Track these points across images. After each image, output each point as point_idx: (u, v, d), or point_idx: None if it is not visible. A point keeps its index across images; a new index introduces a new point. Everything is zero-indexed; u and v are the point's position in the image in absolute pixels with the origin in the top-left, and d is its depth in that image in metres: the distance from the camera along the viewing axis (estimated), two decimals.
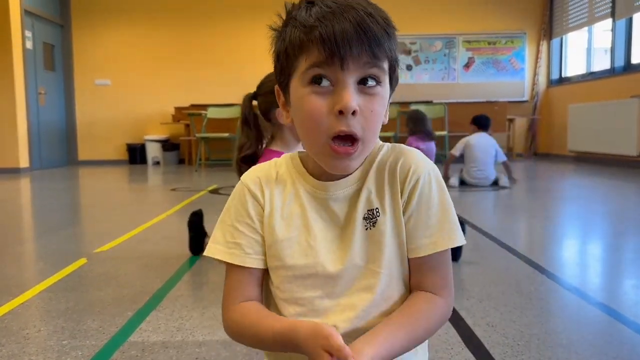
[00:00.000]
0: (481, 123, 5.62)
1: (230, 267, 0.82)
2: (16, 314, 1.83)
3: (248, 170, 0.88)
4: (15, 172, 7.38)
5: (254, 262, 0.82)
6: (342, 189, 0.82)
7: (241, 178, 0.86)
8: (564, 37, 8.94)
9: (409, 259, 0.81)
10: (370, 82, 0.73)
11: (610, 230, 3.25)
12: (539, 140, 9.33)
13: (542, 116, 9.19)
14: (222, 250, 0.82)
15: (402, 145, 0.84)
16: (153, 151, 8.80)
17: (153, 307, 1.87)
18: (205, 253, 0.84)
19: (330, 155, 0.75)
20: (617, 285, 2.18)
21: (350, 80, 0.72)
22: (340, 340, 0.67)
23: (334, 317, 0.80)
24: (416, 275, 0.81)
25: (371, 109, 0.73)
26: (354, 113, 0.72)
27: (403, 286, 0.82)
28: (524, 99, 9.21)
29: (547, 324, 1.67)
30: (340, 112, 0.71)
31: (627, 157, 6.70)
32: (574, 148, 7.93)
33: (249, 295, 0.82)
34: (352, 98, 0.71)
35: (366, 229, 0.80)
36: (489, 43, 9.15)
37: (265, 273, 0.85)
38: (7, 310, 1.85)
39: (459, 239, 0.80)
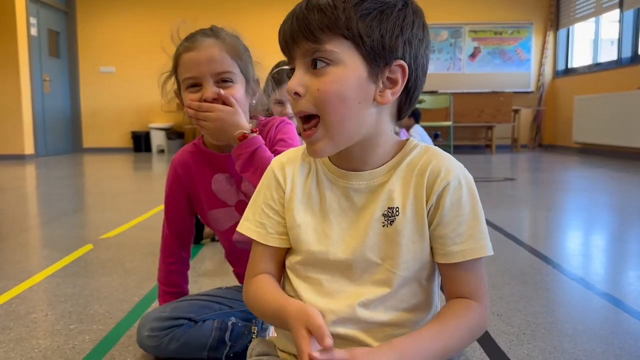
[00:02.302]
0: (417, 116, 6.18)
1: (255, 243, 0.89)
2: (23, 298, 1.84)
3: (279, 154, 0.93)
4: (20, 158, 7.40)
5: (275, 241, 0.87)
6: (365, 180, 0.82)
7: (271, 161, 0.92)
8: (570, 27, 8.88)
9: (439, 264, 0.81)
10: (320, 64, 0.76)
11: (616, 221, 3.24)
12: (544, 131, 9.30)
13: (547, 107, 9.15)
14: (251, 228, 0.88)
15: (437, 148, 0.82)
16: (158, 139, 8.82)
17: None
18: (237, 228, 0.90)
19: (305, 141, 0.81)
20: (622, 275, 2.17)
21: (300, 67, 0.78)
22: (320, 320, 0.71)
23: (340, 302, 0.81)
24: (448, 282, 0.81)
25: (317, 87, 0.76)
26: (297, 94, 0.77)
27: (419, 288, 0.82)
28: (530, 89, 9.17)
29: (553, 313, 1.68)
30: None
31: (634, 149, 6.68)
32: (580, 139, 7.90)
33: (267, 269, 0.88)
34: (293, 81, 0.77)
35: (383, 225, 0.80)
36: (495, 33, 9.10)
37: (285, 251, 0.89)
38: (14, 294, 1.87)
39: (487, 249, 0.79)
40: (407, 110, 0.83)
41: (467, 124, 8.37)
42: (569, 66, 9.00)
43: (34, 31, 7.80)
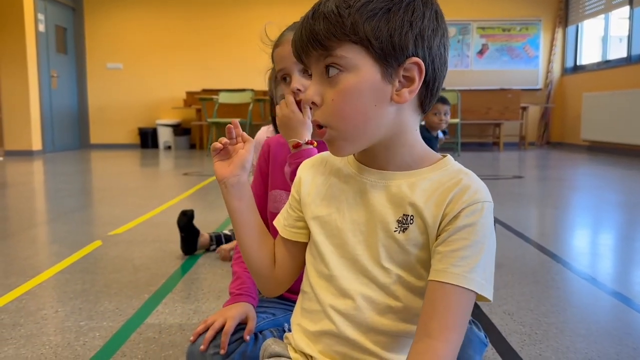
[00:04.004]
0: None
1: None
2: (33, 294, 1.84)
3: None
4: (28, 154, 7.43)
5: (286, 233, 0.90)
6: (385, 180, 0.80)
7: None
8: (579, 24, 8.81)
9: (428, 285, 0.76)
10: (333, 71, 0.75)
11: (625, 219, 3.22)
12: (552, 128, 9.24)
13: (555, 104, 9.09)
14: (279, 218, 0.93)
15: (471, 172, 0.78)
16: (165, 136, 8.82)
17: (169, 290, 1.87)
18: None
19: None
20: (632, 274, 2.16)
21: (315, 75, 0.78)
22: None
23: (346, 302, 0.81)
24: (426, 306, 0.74)
25: (332, 97, 0.75)
26: (314, 104, 0.77)
27: (412, 296, 0.79)
28: (538, 87, 9.11)
29: (564, 313, 1.66)
30: None
31: None
32: (588, 137, 7.85)
33: (279, 256, 0.92)
34: (310, 91, 0.77)
35: (395, 230, 0.78)
36: (504, 30, 9.05)
37: (298, 246, 0.90)
38: (24, 290, 1.87)
39: (480, 287, 0.72)
40: (429, 104, 0.81)
41: (474, 121, 8.33)
42: (578, 63, 8.94)
43: (41, 27, 7.82)
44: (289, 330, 1.26)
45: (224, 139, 0.94)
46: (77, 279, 2.00)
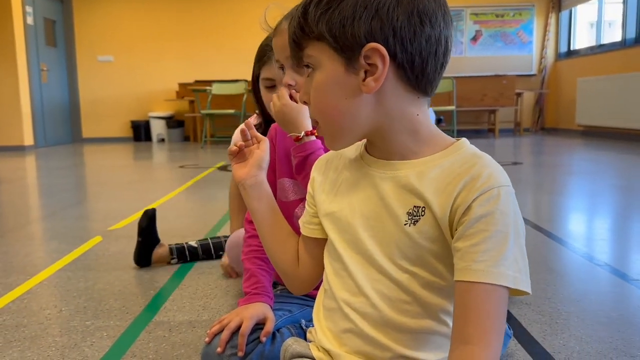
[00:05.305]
0: None
1: None
2: (35, 293, 1.79)
3: None
4: (20, 149, 7.32)
5: (305, 230, 0.89)
6: (392, 170, 0.76)
7: None
8: (573, 9, 8.78)
9: (455, 287, 0.70)
10: (308, 71, 0.76)
11: (635, 203, 3.20)
12: (546, 114, 9.23)
13: (550, 90, 9.07)
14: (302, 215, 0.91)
15: (485, 155, 0.73)
16: (158, 128, 8.73)
17: (175, 285, 1.82)
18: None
19: None
20: None
21: (304, 75, 0.79)
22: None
23: (358, 299, 0.77)
24: (457, 311, 0.69)
25: (312, 95, 0.76)
26: (305, 103, 0.78)
27: (427, 292, 0.74)
28: (532, 72, 9.08)
29: (583, 301, 1.63)
30: None
31: (638, 131, 6.62)
32: (583, 122, 7.84)
33: (300, 254, 0.92)
34: (301, 91, 0.79)
35: (405, 223, 0.73)
36: (497, 16, 9.00)
37: (316, 243, 0.88)
38: (25, 289, 1.81)
39: (515, 282, 0.66)
40: (426, 85, 0.73)
41: (470, 108, 8.29)
42: (572, 48, 8.91)
43: (30, 20, 7.68)
44: (306, 327, 1.22)
45: (239, 142, 0.95)
46: (79, 276, 1.94)
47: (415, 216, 0.73)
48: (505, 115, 8.77)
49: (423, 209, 0.72)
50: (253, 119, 1.95)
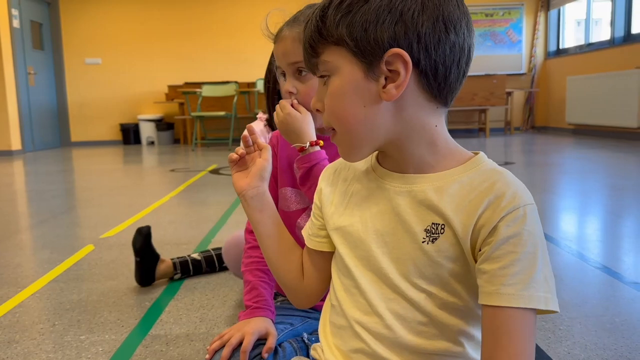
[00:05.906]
0: None
1: None
2: (27, 306, 1.75)
3: None
4: (7, 154, 7.23)
5: (310, 242, 0.86)
6: (408, 184, 0.72)
7: None
8: (561, 8, 8.81)
9: (482, 311, 0.68)
10: (324, 76, 0.74)
11: (631, 204, 3.20)
12: (536, 113, 9.26)
13: (540, 89, 9.10)
14: (307, 226, 0.88)
15: (506, 171, 0.70)
16: (147, 131, 8.66)
17: (171, 296, 1.79)
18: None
19: None
20: None
21: (318, 81, 0.76)
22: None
23: (370, 318, 0.74)
24: (486, 336, 0.67)
25: (327, 102, 0.74)
26: (318, 110, 0.75)
27: (444, 313, 0.71)
28: (522, 71, 9.11)
29: (584, 306, 1.61)
30: None
31: (628, 129, 6.66)
32: (573, 120, 7.87)
33: (305, 266, 0.89)
34: (314, 99, 0.76)
35: (423, 241, 0.70)
36: (486, 15, 9.01)
37: (322, 255, 0.86)
38: (17, 302, 1.77)
39: (546, 303, 0.64)
40: (447, 94, 0.71)
41: (460, 108, 8.30)
42: (561, 47, 8.95)
43: (16, 23, 7.59)
44: (309, 340, 1.19)
45: (240, 149, 0.92)
46: (72, 287, 1.90)
47: (434, 234, 0.70)
48: (496, 115, 8.79)
49: (442, 226, 0.69)
50: (256, 123, 1.92)
